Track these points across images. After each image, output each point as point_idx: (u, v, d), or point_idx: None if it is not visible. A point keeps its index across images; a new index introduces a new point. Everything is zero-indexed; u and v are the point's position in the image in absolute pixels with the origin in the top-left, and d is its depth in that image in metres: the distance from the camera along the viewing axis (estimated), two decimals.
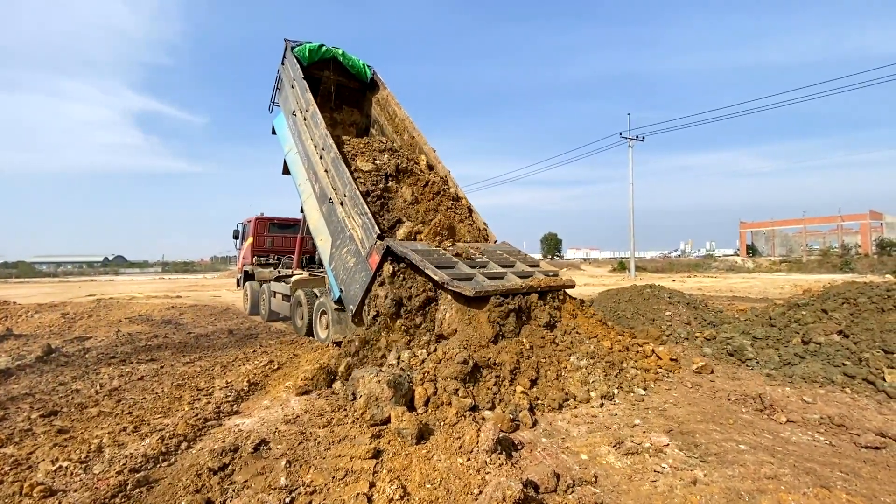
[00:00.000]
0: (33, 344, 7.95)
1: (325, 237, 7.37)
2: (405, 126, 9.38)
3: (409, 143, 9.20)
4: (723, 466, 3.25)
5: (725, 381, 5.31)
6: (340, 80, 10.16)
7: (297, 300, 8.97)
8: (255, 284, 12.12)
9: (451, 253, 6.18)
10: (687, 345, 6.72)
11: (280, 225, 13.20)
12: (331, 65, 9.82)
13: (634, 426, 3.99)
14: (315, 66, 9.53)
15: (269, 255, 12.93)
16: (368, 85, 10.36)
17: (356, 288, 6.34)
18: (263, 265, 12.49)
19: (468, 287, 5.29)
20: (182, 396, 4.80)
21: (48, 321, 11.17)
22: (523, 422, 4.00)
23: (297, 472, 3.04)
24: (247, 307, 12.62)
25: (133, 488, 2.85)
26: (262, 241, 13.00)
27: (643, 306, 8.04)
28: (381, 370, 4.49)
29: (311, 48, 9.31)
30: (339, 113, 10.46)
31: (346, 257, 6.71)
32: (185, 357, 6.78)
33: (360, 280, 6.27)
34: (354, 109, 10.69)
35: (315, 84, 9.68)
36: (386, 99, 10.02)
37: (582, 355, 5.17)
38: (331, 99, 10.22)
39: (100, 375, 5.79)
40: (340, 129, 10.21)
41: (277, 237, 13.14)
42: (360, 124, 10.65)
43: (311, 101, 7.99)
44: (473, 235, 7.72)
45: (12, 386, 5.41)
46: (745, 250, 58.81)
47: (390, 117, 9.90)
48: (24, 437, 3.80)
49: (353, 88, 10.42)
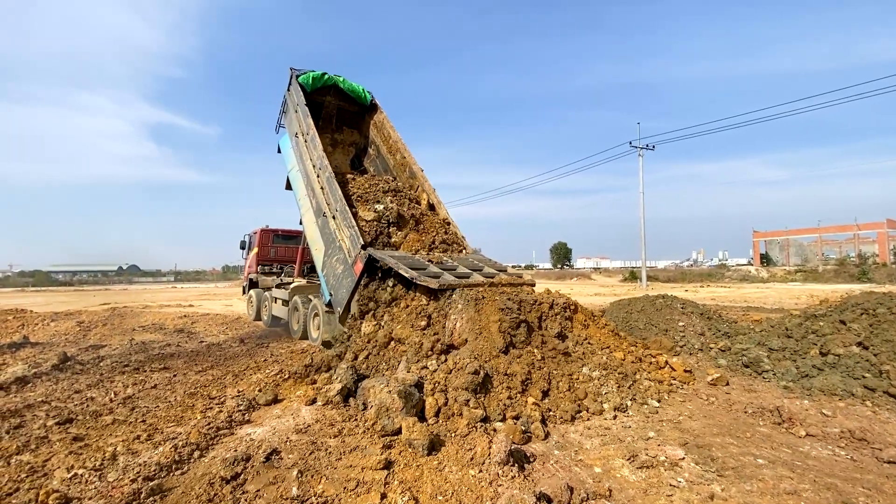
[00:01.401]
0: (49, 352, 8.08)
1: (320, 247, 8.15)
2: (398, 147, 10.29)
3: (401, 163, 10.21)
4: (741, 481, 3.18)
5: (741, 394, 5.22)
6: (341, 105, 11.05)
7: (294, 305, 9.63)
8: (259, 291, 12.82)
9: (423, 258, 6.97)
10: (701, 356, 6.62)
11: (283, 236, 13.82)
12: (332, 91, 10.71)
13: (649, 439, 3.92)
14: (318, 91, 10.40)
15: (272, 265, 13.52)
16: (368, 108, 11.18)
17: (343, 292, 7.08)
18: (267, 273, 13.14)
19: (434, 281, 5.96)
20: (194, 405, 4.84)
21: (64, 329, 11.36)
22: (535, 434, 3.95)
23: (309, 482, 3.04)
24: (251, 313, 13.24)
25: (147, 496, 2.86)
26: (266, 252, 13.64)
27: (656, 317, 7.94)
28: (391, 380, 4.49)
29: (314, 76, 10.16)
30: (340, 134, 11.33)
31: (335, 265, 7.48)
32: (197, 366, 6.83)
33: (346, 285, 7.00)
34: (354, 130, 11.54)
35: (318, 108, 10.61)
36: (382, 122, 10.89)
37: (594, 366, 5.11)
38: (332, 121, 11.12)
39: (114, 383, 5.85)
40: (341, 148, 11.15)
41: (281, 248, 13.75)
42: (359, 144, 11.45)
43: (311, 125, 8.75)
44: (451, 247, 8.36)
45: (29, 393, 5.50)
46: (758, 260, 57.91)
47: (385, 139, 10.76)
48: (40, 444, 3.85)
49: (352, 112, 11.28)
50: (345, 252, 7.17)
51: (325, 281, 7.85)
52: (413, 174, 9.77)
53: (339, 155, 11.08)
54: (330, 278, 7.65)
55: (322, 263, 8.02)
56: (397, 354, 5.57)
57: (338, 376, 5.33)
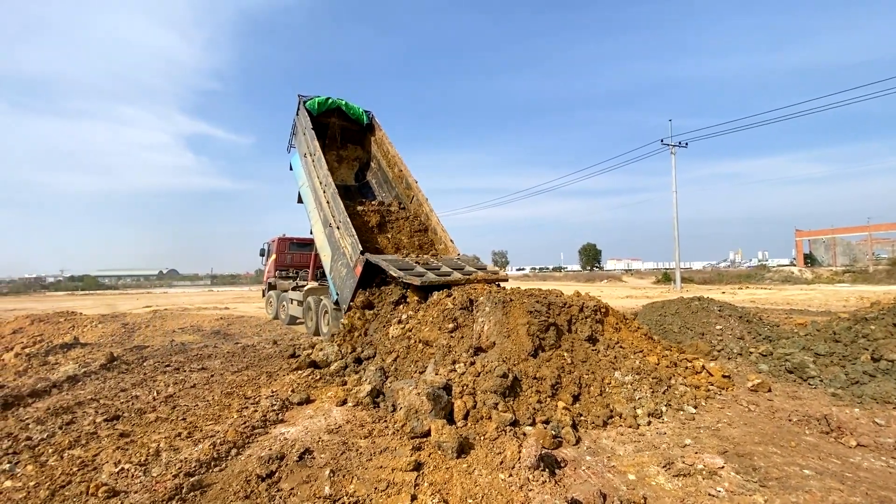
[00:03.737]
0: (97, 352, 8.52)
1: (327, 253, 9.29)
2: (395, 161, 11.52)
3: (399, 175, 11.43)
4: (785, 492, 3.04)
5: (785, 401, 4.98)
6: (344, 124, 12.29)
7: (307, 305, 10.82)
8: (277, 293, 14.09)
9: (412, 260, 7.98)
10: (740, 361, 6.35)
11: (299, 244, 14.91)
12: (336, 112, 11.94)
13: (685, 446, 3.79)
14: (323, 114, 11.68)
15: (289, 269, 14.66)
16: (367, 127, 12.44)
17: (346, 291, 8.20)
18: (284, 278, 14.29)
19: (417, 279, 6.94)
20: (231, 404, 5.00)
21: (110, 331, 11.97)
22: (566, 438, 3.89)
23: (341, 481, 3.09)
24: (270, 313, 14.72)
25: (188, 492, 2.98)
26: (283, 258, 14.83)
27: (691, 320, 7.68)
28: (419, 382, 4.52)
29: (320, 101, 11.45)
30: (345, 150, 12.53)
31: (340, 269, 8.59)
32: (233, 366, 7.06)
33: (349, 285, 8.07)
34: (357, 147, 12.74)
35: (324, 128, 11.84)
36: (381, 139, 12.06)
37: (627, 371, 4.99)
38: (337, 139, 12.36)
39: (157, 383, 6.12)
40: (346, 163, 12.46)
41: (296, 254, 14.85)
42: (363, 159, 12.71)
43: (317, 147, 9.90)
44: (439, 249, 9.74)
45: (79, 391, 5.81)
46: (802, 260, 55.15)
47: (385, 154, 11.96)
48: (89, 439, 4.06)
49: (355, 130, 12.52)
50: (347, 257, 8.20)
51: (333, 282, 8.96)
52: (409, 185, 10.99)
53: (344, 169, 12.33)
54: (336, 280, 8.77)
55: (329, 267, 9.16)
56: (425, 357, 5.59)
57: (367, 378, 5.41)
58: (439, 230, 9.95)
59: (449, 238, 9.66)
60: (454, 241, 9.56)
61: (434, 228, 10.14)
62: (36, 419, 4.63)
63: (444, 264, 8.10)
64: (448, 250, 9.49)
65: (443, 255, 9.22)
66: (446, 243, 9.63)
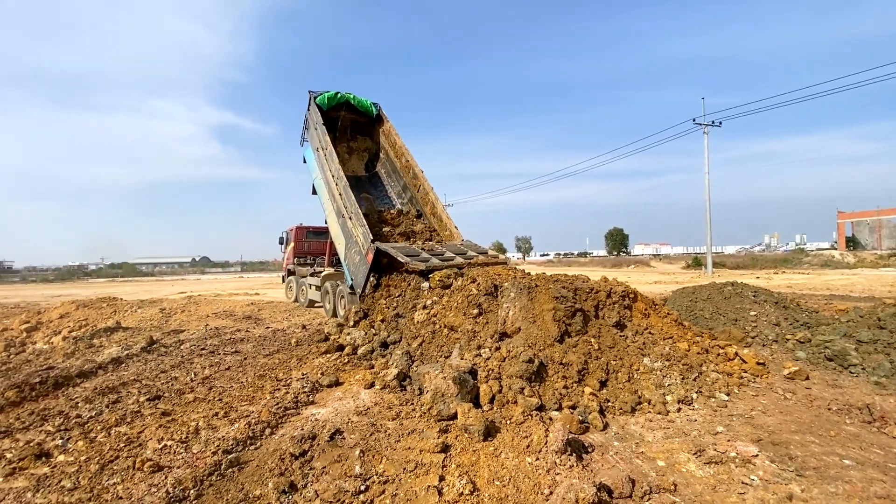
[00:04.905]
0: (138, 336, 8.94)
1: (341, 241, 9.85)
2: (403, 152, 12.00)
3: (406, 165, 11.89)
4: (823, 482, 2.95)
5: (824, 389, 4.80)
6: (353, 117, 12.88)
7: (325, 289, 11.56)
8: (296, 279, 14.96)
9: (419, 247, 8.68)
10: (776, 348, 6.14)
11: (315, 232, 15.49)
12: (345, 106, 12.45)
13: (717, 434, 3.72)
14: (333, 109, 12.15)
15: (306, 257, 15.44)
16: (375, 119, 12.95)
17: (360, 277, 8.72)
18: (302, 264, 15.05)
19: (422, 265, 7.48)
20: (264, 386, 5.18)
21: (149, 315, 12.53)
22: (593, 424, 3.87)
23: (371, 461, 3.17)
24: (290, 297, 15.63)
25: (227, 468, 3.12)
26: (301, 246, 15.56)
27: (724, 305, 7.44)
28: (445, 366, 4.56)
29: (329, 96, 11.92)
30: (355, 142, 13.16)
31: (354, 256, 9.13)
32: (265, 350, 7.29)
33: (362, 271, 8.59)
34: (367, 138, 13.31)
35: (334, 122, 12.35)
36: (389, 130, 12.53)
37: (656, 357, 4.90)
38: (347, 132, 12.96)
39: (193, 365, 6.39)
40: (356, 154, 13.11)
41: (313, 242, 15.48)
42: (372, 150, 13.27)
43: (328, 142, 10.46)
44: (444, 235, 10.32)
45: (123, 372, 6.13)
46: (843, 243, 52.52)
47: (392, 145, 12.42)
48: (134, 418, 4.29)
49: (363, 122, 13.09)
50: (359, 245, 8.74)
51: (347, 268, 9.57)
52: (415, 175, 11.50)
53: (354, 160, 12.95)
54: (350, 266, 9.35)
55: (344, 255, 9.73)
56: (450, 342, 5.64)
57: (394, 362, 5.50)
58: (444, 217, 10.56)
59: (453, 225, 10.25)
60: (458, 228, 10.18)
61: (439, 216, 10.72)
62: (84, 398, 4.92)
63: (447, 250, 8.72)
64: (452, 236, 10.03)
65: (448, 241, 9.81)
66: (451, 230, 10.20)
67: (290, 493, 2.83)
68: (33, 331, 10.40)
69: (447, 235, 10.22)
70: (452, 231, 10.15)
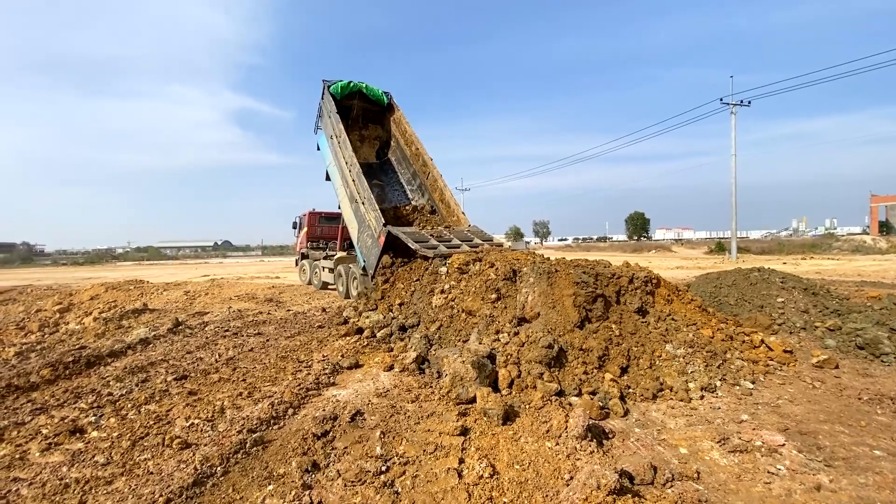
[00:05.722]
0: (164, 317, 9.21)
1: (354, 226, 10.31)
2: (412, 140, 12.37)
3: (416, 153, 12.24)
4: (853, 473, 2.87)
5: (854, 378, 4.65)
6: (365, 106, 13.23)
7: (338, 272, 12.08)
8: (310, 262, 15.47)
9: (427, 233, 9.09)
10: (804, 335, 5.96)
11: (327, 217, 15.94)
12: (357, 95, 12.79)
13: (742, 422, 3.65)
14: (346, 97, 12.51)
15: (319, 241, 15.84)
16: (386, 108, 13.31)
17: (372, 259, 9.18)
18: (315, 248, 15.56)
19: (431, 252, 7.90)
20: (286, 367, 5.28)
21: (174, 298, 12.88)
22: (613, 410, 3.83)
23: (391, 443, 3.21)
24: (303, 279, 16.17)
25: (251, 446, 3.20)
26: (313, 230, 15.98)
27: (750, 291, 7.24)
28: (464, 351, 4.56)
29: (342, 85, 12.29)
30: (366, 130, 13.54)
31: (366, 239, 9.56)
32: (286, 332, 7.43)
33: (374, 253, 9.03)
34: (378, 126, 13.68)
35: (347, 110, 12.64)
36: (399, 119, 12.92)
37: (679, 344, 4.81)
38: (359, 120, 13.33)
39: (218, 346, 6.55)
40: (368, 142, 13.51)
41: (326, 227, 15.88)
42: (383, 137, 13.68)
43: (342, 130, 10.78)
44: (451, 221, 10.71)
45: (151, 352, 6.33)
46: (876, 227, 50.49)
47: (402, 133, 12.81)
48: (162, 396, 4.43)
49: (375, 111, 13.44)
50: (372, 229, 9.17)
51: (360, 251, 10.09)
52: (425, 163, 11.85)
53: (366, 148, 13.32)
54: (363, 249, 9.84)
55: (357, 238, 10.22)
56: (468, 326, 5.64)
57: (412, 345, 5.54)
58: (452, 203, 11.05)
59: (461, 210, 10.80)
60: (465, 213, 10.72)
61: (448, 202, 11.15)
62: (115, 377, 5.10)
63: (455, 236, 9.22)
64: (460, 222, 10.52)
65: (455, 226, 10.23)
66: (458, 215, 10.71)
67: (314, 471, 2.88)
68: (65, 312, 10.80)
69: (455, 221, 10.64)
70: (460, 217, 10.65)
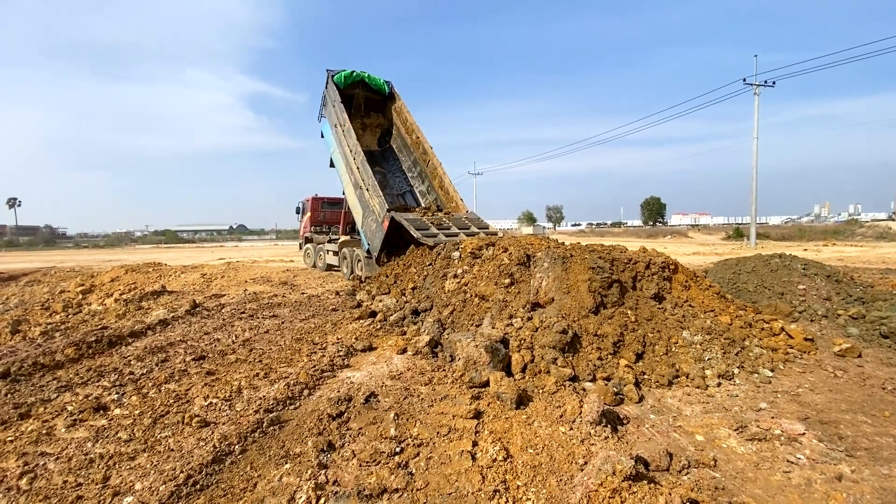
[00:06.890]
0: (182, 299, 9.38)
1: (359, 211, 10.85)
2: (413, 129, 12.84)
3: (416, 141, 12.73)
4: (876, 463, 2.81)
5: (878, 367, 4.54)
6: (368, 95, 13.73)
7: (343, 255, 12.60)
8: (314, 246, 15.95)
9: (428, 220, 9.61)
10: (826, 323, 5.82)
11: (330, 202, 16.42)
12: (360, 85, 13.28)
13: (760, 410, 3.59)
14: (349, 87, 13.00)
15: (322, 225, 16.37)
16: (388, 97, 13.79)
17: (376, 242, 9.75)
18: (318, 233, 16.14)
19: (431, 240, 8.51)
20: (301, 349, 5.35)
21: (191, 280, 13.10)
22: (628, 396, 3.80)
23: (405, 424, 3.24)
24: (307, 262, 16.60)
25: (268, 426, 3.26)
26: (317, 215, 16.51)
27: (770, 278, 7.07)
28: (476, 335, 4.56)
29: (346, 75, 12.78)
30: (368, 118, 14.04)
31: (370, 224, 10.12)
32: (301, 314, 7.52)
33: (378, 237, 9.60)
34: (379, 114, 14.19)
35: (350, 99, 13.19)
36: (400, 107, 13.43)
37: (696, 330, 4.74)
38: (361, 109, 13.85)
39: (234, 328, 6.66)
40: (370, 130, 14.01)
41: (328, 212, 16.41)
42: (384, 126, 14.22)
43: (346, 119, 11.27)
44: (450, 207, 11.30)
45: (169, 333, 6.46)
46: None
47: (403, 122, 13.29)
48: (181, 376, 4.53)
49: (377, 100, 13.95)
50: (376, 214, 9.75)
51: (364, 235, 10.63)
52: (425, 151, 12.33)
53: (368, 136, 13.79)
54: (367, 233, 10.36)
55: (361, 223, 10.78)
56: (481, 311, 5.62)
57: (425, 329, 5.55)
58: (451, 191, 11.58)
59: (459, 197, 11.41)
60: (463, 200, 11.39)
61: (447, 189, 11.65)
62: (136, 356, 5.23)
63: (453, 224, 9.86)
64: (458, 208, 11.11)
65: (454, 213, 10.79)
66: (457, 202, 11.27)
67: (329, 451, 2.92)
68: (88, 293, 11.07)
69: (453, 207, 11.20)
70: (458, 203, 11.23)
